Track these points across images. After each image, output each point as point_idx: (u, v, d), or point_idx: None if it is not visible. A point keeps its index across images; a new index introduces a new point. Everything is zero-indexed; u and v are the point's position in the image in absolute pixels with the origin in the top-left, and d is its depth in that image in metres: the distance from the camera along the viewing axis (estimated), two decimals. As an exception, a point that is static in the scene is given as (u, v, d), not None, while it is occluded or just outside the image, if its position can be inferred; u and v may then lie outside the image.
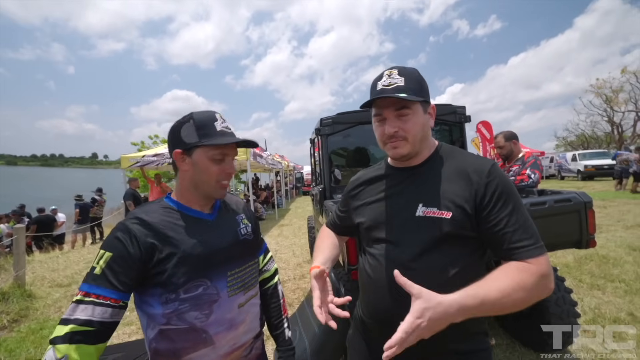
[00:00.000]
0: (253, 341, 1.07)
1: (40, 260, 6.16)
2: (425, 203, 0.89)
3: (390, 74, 0.90)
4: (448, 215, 0.85)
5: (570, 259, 4.30)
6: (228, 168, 0.96)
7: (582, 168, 16.33)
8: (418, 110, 0.90)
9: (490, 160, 0.91)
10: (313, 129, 3.69)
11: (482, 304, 0.71)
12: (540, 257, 0.79)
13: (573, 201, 1.98)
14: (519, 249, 0.79)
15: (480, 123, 9.15)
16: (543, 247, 0.81)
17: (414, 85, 0.88)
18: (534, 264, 0.77)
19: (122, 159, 7.77)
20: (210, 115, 0.95)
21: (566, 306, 2.18)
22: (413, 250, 0.88)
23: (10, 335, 3.21)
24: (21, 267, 4.16)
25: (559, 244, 2.03)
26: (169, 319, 0.88)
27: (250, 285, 1.05)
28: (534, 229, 0.83)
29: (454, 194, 0.86)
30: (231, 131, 0.99)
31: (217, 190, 0.97)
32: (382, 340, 0.96)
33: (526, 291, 0.74)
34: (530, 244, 0.79)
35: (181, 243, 0.90)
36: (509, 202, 0.83)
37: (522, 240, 0.80)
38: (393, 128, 0.89)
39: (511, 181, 0.88)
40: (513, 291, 0.73)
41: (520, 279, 0.75)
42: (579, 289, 3.35)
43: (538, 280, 0.75)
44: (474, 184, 0.85)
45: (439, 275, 0.85)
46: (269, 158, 11.17)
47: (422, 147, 0.95)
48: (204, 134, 0.92)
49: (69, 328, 0.76)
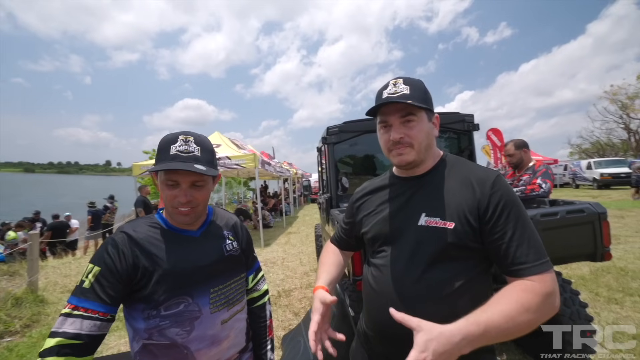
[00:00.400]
0: (239, 356, 1.06)
1: (54, 266, 6.28)
2: (428, 213, 0.88)
3: (395, 82, 0.91)
4: (451, 225, 0.84)
5: (585, 271, 4.16)
6: (181, 195, 0.90)
7: (597, 176, 15.91)
8: (423, 118, 0.90)
9: (495, 171, 0.90)
10: (320, 137, 3.71)
11: (487, 330, 0.68)
12: (544, 273, 0.76)
13: (586, 212, 1.92)
14: (523, 265, 0.77)
15: (490, 130, 9.04)
16: (548, 262, 0.78)
17: (419, 94, 0.89)
18: (538, 282, 0.75)
19: (133, 166, 7.94)
20: (172, 137, 0.92)
21: (581, 321, 2.09)
22: (416, 261, 0.86)
23: (22, 340, 3.26)
24: (34, 272, 4.25)
25: (571, 257, 1.97)
26: (150, 334, 0.89)
27: (236, 301, 1.04)
28: (539, 243, 0.80)
29: (457, 204, 0.85)
30: (190, 154, 0.90)
31: (174, 215, 0.93)
32: (384, 353, 0.94)
33: (531, 313, 0.71)
34: (534, 260, 0.77)
35: (163, 260, 0.90)
36: (513, 214, 0.82)
37: (525, 255, 0.78)
38: (399, 134, 0.90)
39: (515, 193, 0.86)
40: (518, 314, 0.70)
41: (524, 300, 0.72)
42: (595, 303, 3.23)
43: (543, 300, 0.73)
44: (478, 195, 0.84)
45: (443, 287, 0.84)
46: (277, 166, 11.24)
47: (427, 156, 0.94)
48: (159, 159, 0.91)
49: (56, 341, 0.77)
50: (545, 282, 0.75)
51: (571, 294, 2.21)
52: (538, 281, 0.76)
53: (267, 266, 5.75)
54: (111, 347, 3.11)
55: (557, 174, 19.74)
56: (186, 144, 0.91)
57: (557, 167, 19.97)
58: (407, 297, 0.86)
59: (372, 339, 0.99)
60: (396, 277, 0.89)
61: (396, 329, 0.88)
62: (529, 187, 2.59)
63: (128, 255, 0.87)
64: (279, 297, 4.15)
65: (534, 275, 0.76)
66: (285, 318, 3.49)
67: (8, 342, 3.20)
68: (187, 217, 0.94)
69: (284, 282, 4.78)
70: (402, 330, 0.87)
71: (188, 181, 0.91)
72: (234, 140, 9.48)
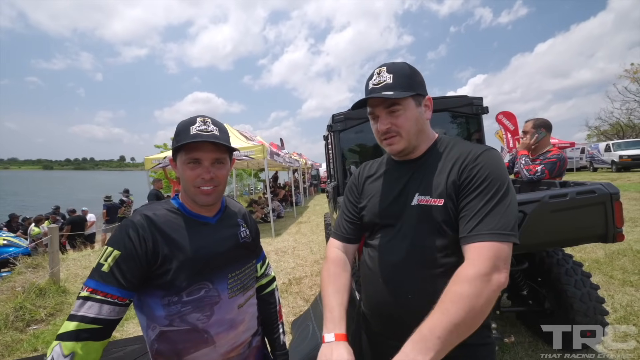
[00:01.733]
0: (251, 338, 1.09)
1: (74, 258, 6.53)
2: (420, 192, 0.89)
3: (379, 72, 0.91)
4: (440, 202, 0.84)
5: (600, 254, 4.08)
6: (203, 173, 0.92)
7: (616, 159, 15.35)
8: (409, 105, 0.89)
9: (488, 147, 0.89)
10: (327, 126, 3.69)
11: (434, 335, 0.67)
12: (484, 242, 0.74)
13: (597, 192, 1.86)
14: (469, 233, 0.77)
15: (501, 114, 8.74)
16: (499, 235, 0.74)
17: (402, 81, 0.88)
18: (471, 256, 0.75)
19: (145, 160, 8.09)
20: (190, 120, 0.94)
21: (592, 303, 2.07)
22: (410, 240, 0.88)
23: (47, 328, 3.44)
24: (56, 264, 4.44)
25: (582, 239, 1.93)
26: (171, 320, 0.89)
27: (249, 286, 1.08)
28: (504, 217, 0.77)
29: (445, 180, 0.86)
30: (210, 133, 0.92)
31: (197, 196, 0.94)
32: (381, 331, 0.96)
33: (466, 299, 0.69)
34: (482, 229, 0.76)
35: (184, 247, 0.91)
36: (486, 184, 0.80)
37: (478, 224, 0.77)
38: (385, 125, 0.91)
39: (502, 169, 0.84)
40: (450, 305, 0.70)
41: (453, 293, 0.71)
42: (609, 286, 3.18)
43: (475, 283, 0.70)
44: (461, 167, 0.84)
45: (436, 263, 0.85)
46: (286, 156, 11.26)
47: (420, 141, 0.94)
48: (178, 140, 0.92)
49: (75, 325, 0.77)
50: (480, 253, 0.74)
51: (582, 276, 2.18)
52: (472, 255, 0.75)
53: (278, 255, 5.84)
54: (130, 333, 3.24)
55: (574, 157, 19.14)
56: (205, 124, 0.93)
57: (573, 151, 19.36)
58: (405, 276, 0.88)
59: (370, 318, 1.01)
60: (393, 257, 0.90)
61: (392, 308, 0.90)
62: (526, 167, 2.54)
63: (149, 239, 0.86)
64: (290, 284, 4.23)
65: (473, 243, 0.76)
66: (296, 304, 3.56)
67: (34, 330, 3.38)
68: (210, 197, 0.94)
69: (295, 270, 4.86)
70: (397, 309, 0.88)
71: (211, 158, 0.93)
72: (243, 132, 9.53)
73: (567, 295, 2.10)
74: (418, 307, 0.84)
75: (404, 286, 0.87)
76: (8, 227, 9.82)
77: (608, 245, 4.27)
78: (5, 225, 9.93)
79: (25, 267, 5.23)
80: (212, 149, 0.93)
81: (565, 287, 2.12)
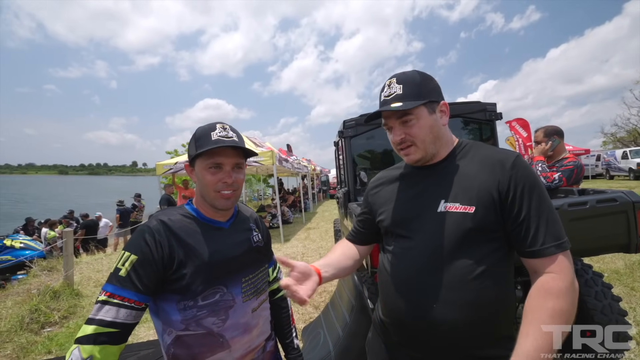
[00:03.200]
0: (265, 343, 1.08)
1: (87, 262, 6.65)
2: (447, 199, 0.87)
3: (390, 83, 0.91)
4: (471, 209, 0.82)
5: (620, 264, 3.94)
6: (225, 177, 0.94)
7: (634, 166, 14.97)
8: (422, 114, 0.89)
9: (514, 152, 0.88)
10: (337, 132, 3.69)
11: (540, 357, 0.70)
12: (559, 254, 0.77)
13: (619, 201, 1.81)
14: (540, 246, 0.78)
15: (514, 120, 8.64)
16: (566, 242, 0.79)
17: (412, 90, 0.88)
18: (554, 270, 0.77)
19: (157, 166, 8.23)
20: (209, 126, 0.95)
21: (614, 315, 1.99)
22: (436, 248, 0.85)
23: (60, 330, 3.49)
24: (70, 267, 4.52)
25: (603, 249, 1.87)
26: (187, 325, 0.90)
27: (262, 290, 1.08)
28: (559, 224, 0.80)
29: (477, 187, 0.84)
30: (230, 139, 0.94)
31: (217, 200, 0.95)
32: (400, 341, 0.94)
33: (564, 311, 0.73)
34: (551, 240, 0.78)
35: (199, 251, 0.92)
36: (534, 195, 0.81)
37: (543, 235, 0.78)
38: (399, 135, 0.91)
39: (535, 174, 0.85)
40: (554, 320, 0.72)
41: (552, 306, 0.73)
42: (630, 298, 3.06)
43: (565, 293, 0.74)
44: (498, 176, 0.83)
45: (467, 273, 0.82)
46: (294, 162, 11.31)
47: (438, 147, 0.93)
48: (199, 145, 0.93)
49: (93, 328, 0.78)
50: (561, 265, 0.76)
51: (603, 287, 2.10)
52: (555, 269, 0.76)
53: (287, 261, 5.83)
54: (141, 337, 3.26)
55: (590, 164, 18.69)
56: (225, 130, 0.95)
57: (589, 158, 18.91)
58: (429, 284, 0.85)
59: (388, 326, 0.99)
60: (416, 264, 0.88)
61: (413, 317, 0.87)
62: (543, 174, 2.48)
63: (165, 244, 0.87)
64: (299, 291, 4.20)
65: (550, 256, 0.77)
66: (306, 312, 3.53)
67: (49, 332, 3.43)
68: (229, 201, 0.96)
69: (304, 277, 4.83)
70: (419, 318, 0.86)
71: (232, 162, 0.95)
72: (252, 138, 9.63)
73: (587, 307, 2.02)
74: (442, 316, 0.82)
75: (428, 295, 0.84)
76: (25, 230, 10.07)
77: (628, 255, 4.12)
78: (22, 228, 10.19)
79: (41, 269, 5.35)
80: (233, 154, 0.95)
81: (585, 299, 2.05)
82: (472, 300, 0.81)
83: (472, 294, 0.81)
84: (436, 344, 0.86)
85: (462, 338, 0.83)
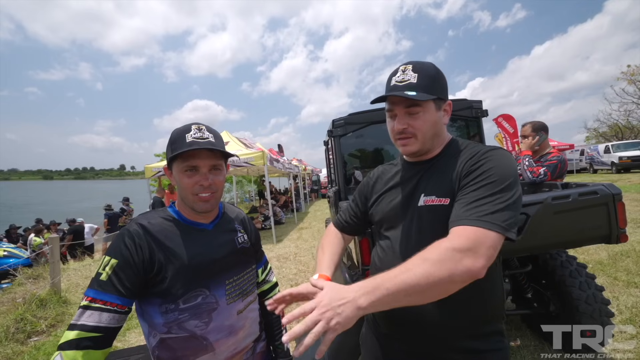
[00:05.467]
0: (254, 344, 1.08)
1: (75, 268, 6.50)
2: (426, 192, 0.89)
3: (405, 69, 0.89)
4: (446, 201, 0.84)
5: (603, 255, 4.05)
6: (202, 180, 0.93)
7: (616, 160, 15.37)
8: (429, 108, 0.88)
9: (500, 147, 0.87)
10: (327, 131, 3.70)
11: (382, 280, 0.66)
12: (467, 227, 0.70)
13: (600, 193, 1.86)
14: (455, 219, 0.74)
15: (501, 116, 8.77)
16: (492, 224, 0.69)
17: (426, 82, 0.86)
18: (451, 235, 0.71)
19: (146, 169, 8.11)
20: (185, 127, 0.94)
21: (597, 305, 2.05)
22: (418, 241, 0.87)
23: (48, 339, 3.40)
24: (56, 274, 4.41)
25: (586, 240, 1.93)
26: (169, 328, 0.90)
27: (249, 292, 1.07)
28: (502, 213, 0.71)
29: (450, 180, 0.85)
30: (206, 140, 0.92)
31: (195, 203, 0.94)
32: (392, 335, 0.96)
33: (428, 263, 0.65)
34: (469, 216, 0.72)
35: (179, 254, 0.91)
36: (490, 180, 0.76)
37: (469, 211, 0.73)
38: (402, 125, 0.89)
39: (510, 168, 0.79)
40: (413, 265, 0.67)
41: (425, 252, 0.69)
42: (613, 287, 3.15)
43: (444, 252, 0.67)
44: (467, 163, 0.84)
45: None
46: (285, 162, 11.28)
47: (435, 144, 0.94)
48: (174, 148, 0.92)
49: (75, 334, 0.77)
50: (460, 235, 0.69)
51: (587, 277, 2.16)
52: (452, 234, 0.71)
53: (280, 261, 5.81)
54: (132, 342, 3.21)
55: (574, 159, 19.16)
56: (200, 131, 0.93)
57: (573, 153, 19.38)
58: None
59: (379, 319, 1.01)
60: (400, 257, 0.90)
61: (402, 310, 0.89)
62: (530, 168, 2.54)
63: (145, 248, 0.87)
64: (292, 291, 4.20)
65: (455, 227, 0.72)
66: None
67: (35, 342, 3.35)
68: (208, 204, 0.95)
69: (297, 277, 4.83)
70: (407, 311, 0.87)
71: (208, 165, 0.94)
72: (242, 139, 9.56)
73: (572, 297, 2.08)
74: (427, 308, 0.83)
75: None
76: (8, 238, 9.78)
77: (611, 246, 4.25)
78: (5, 236, 9.89)
79: (26, 278, 5.20)
80: (209, 156, 0.94)
81: (570, 289, 2.11)
82: (458, 292, 0.82)
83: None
84: (425, 336, 0.87)
85: (446, 331, 0.85)
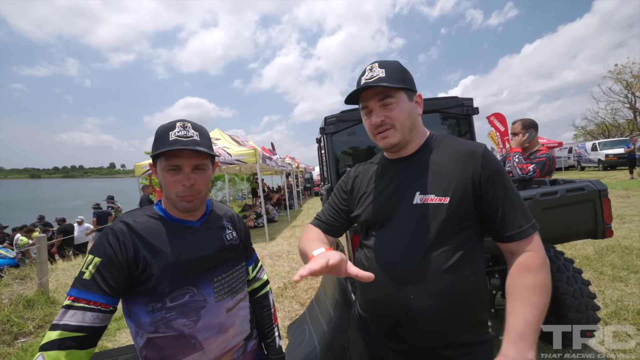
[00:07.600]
0: (244, 343, 1.07)
1: (63, 268, 6.38)
2: (422, 190, 0.88)
3: (372, 67, 0.92)
4: (446, 200, 0.85)
5: (590, 250, 4.15)
6: (184, 179, 0.90)
7: (603, 157, 15.74)
8: (402, 99, 0.90)
9: (480, 143, 0.92)
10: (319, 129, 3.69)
11: (532, 329, 0.74)
12: (534, 235, 0.84)
13: (586, 190, 1.90)
14: (516, 230, 0.83)
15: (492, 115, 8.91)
16: (535, 224, 0.85)
17: (394, 75, 0.89)
18: (531, 249, 0.82)
19: (136, 167, 7.98)
20: (169, 125, 0.92)
21: (584, 299, 2.10)
22: (413, 240, 0.87)
23: (35, 340, 3.34)
24: (44, 274, 4.32)
25: (573, 235, 1.96)
26: (156, 327, 0.88)
27: (239, 290, 1.05)
28: (525, 207, 0.87)
29: (450, 178, 0.86)
30: (190, 139, 0.90)
31: (178, 202, 0.93)
32: (380, 334, 0.95)
33: (544, 285, 0.79)
34: (525, 224, 0.84)
35: (165, 252, 0.90)
36: (503, 183, 0.86)
37: (518, 220, 0.84)
38: (379, 117, 0.91)
39: (500, 163, 0.90)
40: (538, 296, 0.77)
41: (534, 282, 0.78)
42: (599, 282, 3.23)
43: (542, 266, 0.80)
44: (470, 167, 0.86)
45: (445, 261, 0.84)
46: (278, 160, 11.24)
47: (413, 136, 0.95)
48: (157, 146, 0.90)
49: (58, 334, 0.75)
50: (536, 243, 0.83)
51: (574, 272, 2.21)
52: (531, 248, 0.82)
53: (273, 259, 5.80)
54: (122, 342, 3.17)
55: (562, 157, 19.53)
56: (185, 129, 0.91)
57: (561, 150, 19.74)
58: (407, 276, 0.86)
59: (368, 320, 1.00)
60: (394, 257, 0.89)
61: (392, 309, 0.89)
62: (519, 165, 2.57)
63: (129, 246, 0.86)
64: (285, 288, 4.20)
65: (527, 237, 0.83)
66: (292, 309, 3.53)
67: (22, 343, 3.28)
68: (191, 204, 0.94)
69: (290, 274, 4.82)
70: (397, 309, 0.88)
71: (191, 164, 0.91)
72: (235, 137, 9.48)
73: (560, 292, 2.12)
74: (420, 307, 0.84)
75: (406, 287, 0.86)
76: (-6, 237, 9.55)
77: (597, 241, 4.35)
78: (-9, 236, 9.66)
79: (12, 278, 5.09)
80: (192, 156, 0.91)
81: (557, 284, 2.15)
82: (449, 289, 0.83)
83: (448, 283, 0.83)
84: (415, 333, 0.87)
85: (440, 327, 0.85)
